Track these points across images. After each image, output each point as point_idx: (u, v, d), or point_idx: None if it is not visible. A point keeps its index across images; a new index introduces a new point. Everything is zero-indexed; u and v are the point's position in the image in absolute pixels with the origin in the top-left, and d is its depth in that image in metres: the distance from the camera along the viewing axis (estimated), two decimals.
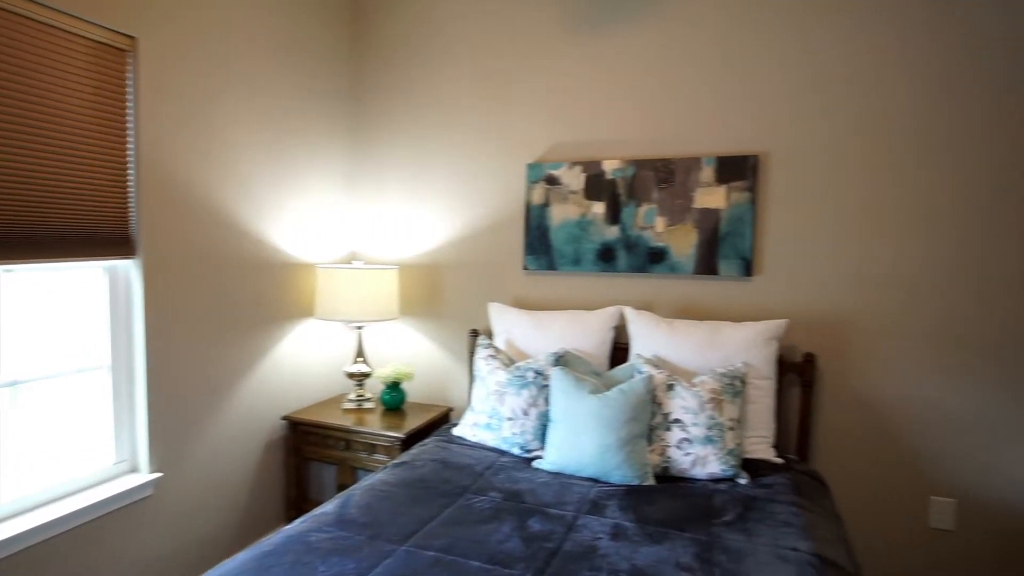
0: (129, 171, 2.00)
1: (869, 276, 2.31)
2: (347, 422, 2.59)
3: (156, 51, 2.05)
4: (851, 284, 2.33)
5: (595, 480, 1.99)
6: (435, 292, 2.95)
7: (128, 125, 1.99)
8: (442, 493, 1.86)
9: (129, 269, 2.07)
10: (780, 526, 1.65)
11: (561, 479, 1.99)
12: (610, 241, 2.60)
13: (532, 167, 2.70)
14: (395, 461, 2.14)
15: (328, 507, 1.75)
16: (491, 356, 2.39)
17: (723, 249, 2.44)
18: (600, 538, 1.58)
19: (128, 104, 1.98)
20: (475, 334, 2.77)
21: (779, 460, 2.14)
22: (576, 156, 2.67)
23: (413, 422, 2.63)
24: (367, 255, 3.08)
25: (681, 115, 2.51)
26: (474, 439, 2.32)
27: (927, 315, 2.25)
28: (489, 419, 2.28)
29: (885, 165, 2.27)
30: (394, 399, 2.77)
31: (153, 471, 2.11)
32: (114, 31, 1.91)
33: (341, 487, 2.59)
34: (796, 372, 2.35)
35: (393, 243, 3.03)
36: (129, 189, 2.00)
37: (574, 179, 2.63)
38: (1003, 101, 2.13)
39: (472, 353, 2.73)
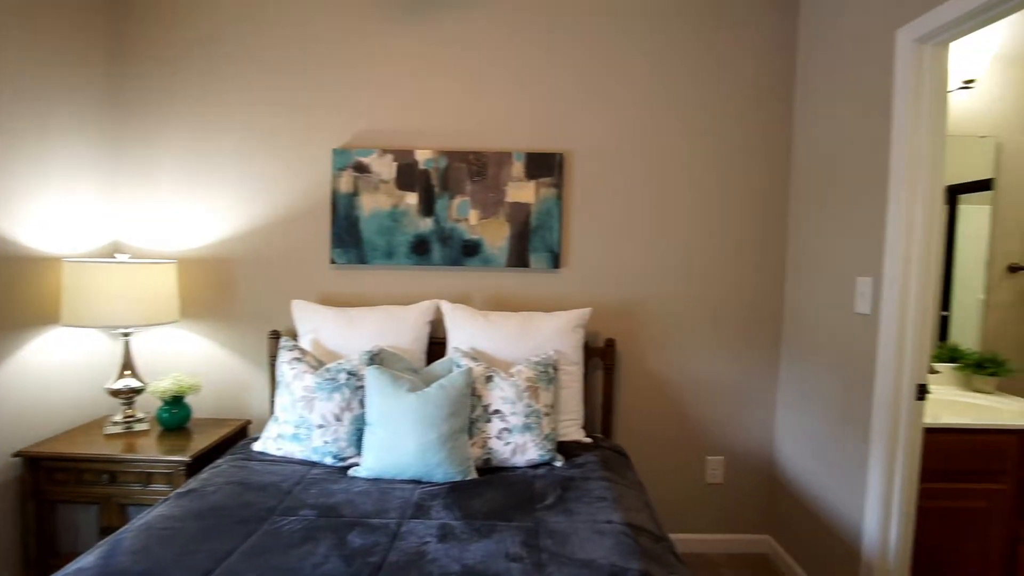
0: None
1: (655, 267, 2.59)
2: (111, 450, 2.13)
3: None
4: (641, 274, 2.59)
5: (417, 481, 1.90)
6: (225, 290, 2.58)
7: None
8: (242, 520, 1.61)
9: None
10: (595, 502, 1.75)
11: (381, 485, 1.87)
12: (424, 233, 2.53)
13: (339, 153, 2.50)
14: (179, 490, 1.81)
15: (87, 559, 1.40)
16: (296, 359, 2.15)
17: (533, 242, 2.53)
18: (428, 542, 1.51)
19: None
20: (276, 336, 2.48)
21: (588, 440, 2.29)
22: (387, 144, 2.54)
23: (201, 442, 2.26)
24: (135, 247, 2.56)
25: (493, 110, 2.54)
26: (279, 453, 2.07)
27: (697, 301, 2.60)
28: (296, 429, 2.06)
29: (665, 170, 2.56)
30: (175, 417, 2.36)
31: None
32: None
33: (106, 531, 2.12)
34: (599, 356, 2.54)
35: (170, 233, 2.56)
36: None
37: (385, 168, 2.50)
38: (753, 124, 2.54)
39: (274, 357, 2.45)
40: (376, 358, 2.16)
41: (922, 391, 1.86)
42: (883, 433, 1.89)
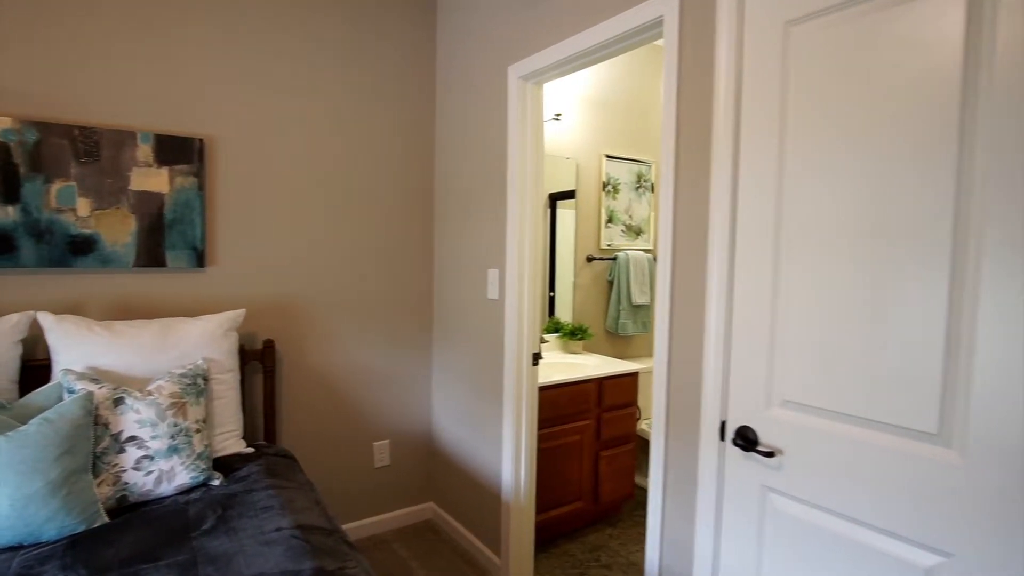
0: None
1: (313, 263, 2.57)
2: None
3: None
4: (300, 271, 2.54)
5: (18, 547, 1.49)
6: None
7: None
8: None
9: None
10: (261, 512, 1.67)
11: None
12: (6, 226, 1.95)
13: None
14: None
15: None
16: None
17: (170, 238, 2.22)
18: None
19: None
20: None
21: (250, 450, 2.15)
22: None
23: None
24: None
25: (109, 76, 2.10)
26: None
27: (356, 295, 2.69)
28: None
29: (323, 165, 2.55)
30: None
31: None
32: None
33: None
34: (258, 359, 2.40)
35: None
36: None
37: None
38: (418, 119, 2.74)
39: None
40: None
41: (536, 358, 2.34)
42: (511, 395, 2.32)
